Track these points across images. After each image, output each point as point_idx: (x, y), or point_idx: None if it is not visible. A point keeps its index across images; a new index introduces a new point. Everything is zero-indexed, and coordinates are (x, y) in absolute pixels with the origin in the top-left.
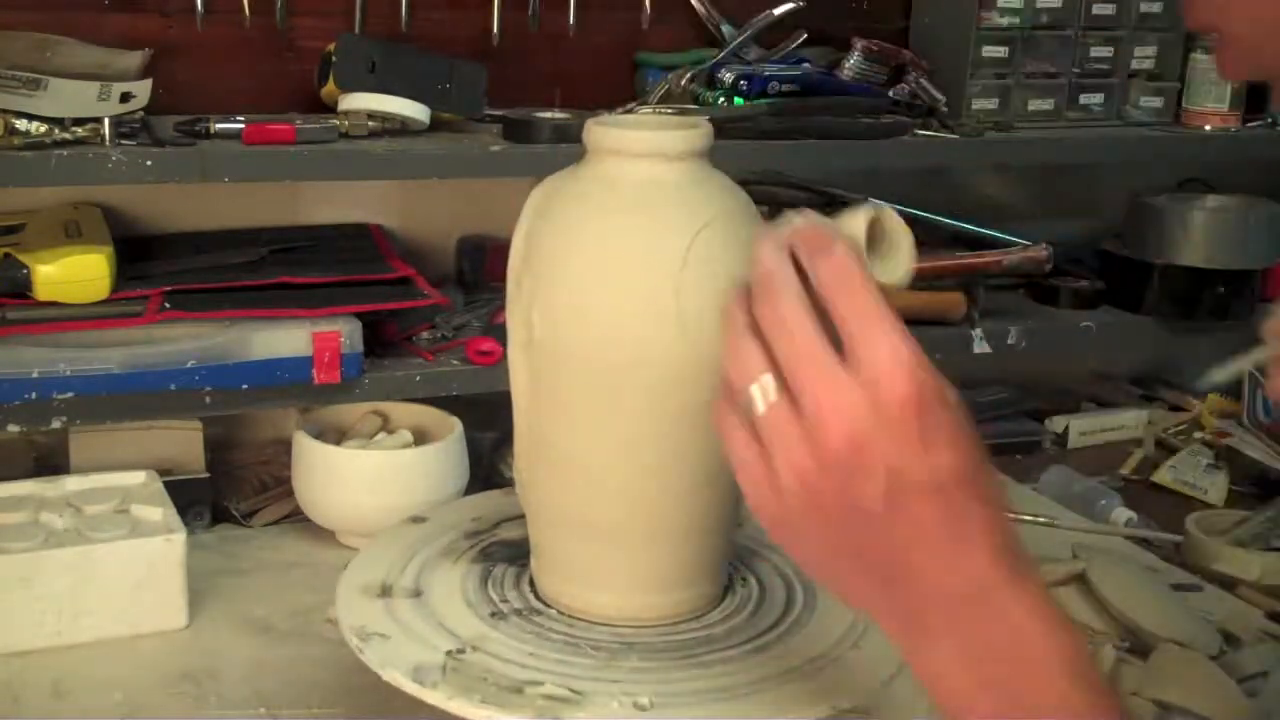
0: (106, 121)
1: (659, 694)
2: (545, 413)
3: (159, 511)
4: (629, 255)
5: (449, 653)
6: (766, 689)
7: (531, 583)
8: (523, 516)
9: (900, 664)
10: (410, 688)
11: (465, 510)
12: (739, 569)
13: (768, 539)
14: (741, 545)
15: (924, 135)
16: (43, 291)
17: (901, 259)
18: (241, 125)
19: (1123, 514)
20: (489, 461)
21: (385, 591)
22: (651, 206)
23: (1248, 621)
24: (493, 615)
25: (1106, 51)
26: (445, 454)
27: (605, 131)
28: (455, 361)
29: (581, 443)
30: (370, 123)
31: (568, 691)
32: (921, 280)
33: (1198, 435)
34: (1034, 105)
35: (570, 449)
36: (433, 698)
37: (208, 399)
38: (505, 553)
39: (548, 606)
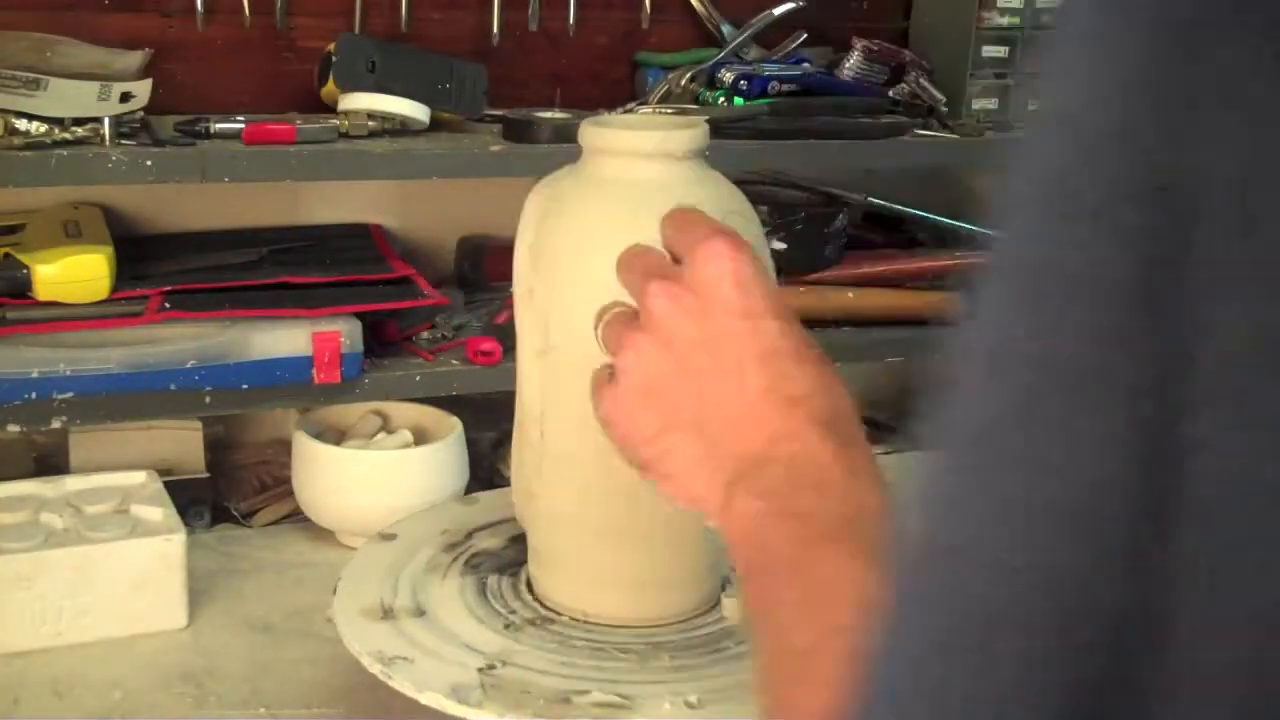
0: (106, 121)
1: (704, 690)
2: (561, 421)
3: (159, 511)
4: None
5: (480, 670)
6: None
7: (530, 590)
8: (494, 525)
9: None
10: (453, 708)
11: (432, 523)
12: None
13: None
14: None
15: (924, 135)
16: (43, 291)
17: None
18: (241, 125)
19: None
20: (489, 461)
21: (388, 613)
22: (659, 209)
23: None
24: (506, 628)
25: None
26: (445, 454)
27: (601, 132)
28: (455, 361)
29: (601, 451)
30: (370, 123)
31: (617, 697)
32: (921, 280)
33: None
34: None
35: (588, 457)
36: (479, 716)
37: (208, 399)
38: (491, 563)
39: (557, 614)
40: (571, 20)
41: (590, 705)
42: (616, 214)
